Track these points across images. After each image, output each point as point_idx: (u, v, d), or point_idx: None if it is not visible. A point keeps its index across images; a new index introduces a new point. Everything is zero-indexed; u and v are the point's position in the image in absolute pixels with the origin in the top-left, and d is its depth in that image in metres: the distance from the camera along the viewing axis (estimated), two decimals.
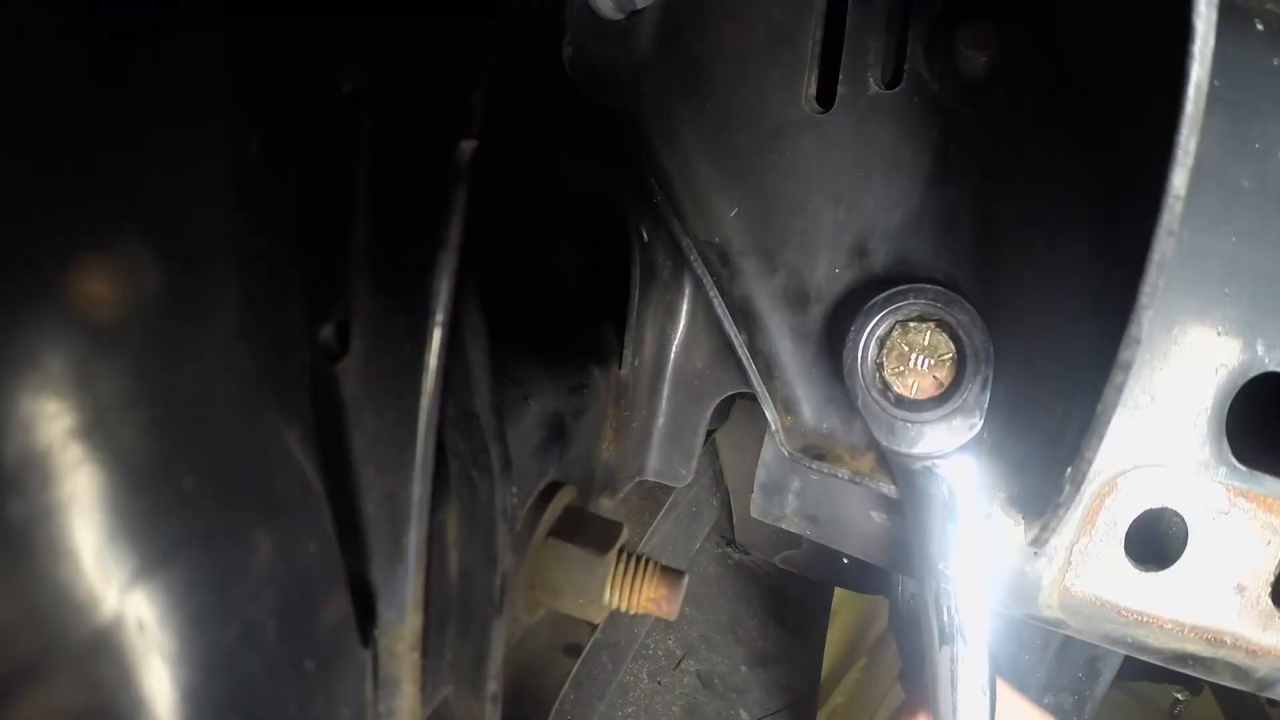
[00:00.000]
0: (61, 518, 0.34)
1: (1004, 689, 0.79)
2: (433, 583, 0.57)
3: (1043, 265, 0.71)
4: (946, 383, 0.72)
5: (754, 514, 0.91)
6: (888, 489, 0.79)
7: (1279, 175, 0.70)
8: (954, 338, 0.72)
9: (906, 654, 1.68)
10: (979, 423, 0.71)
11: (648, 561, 0.83)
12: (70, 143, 0.32)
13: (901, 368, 0.73)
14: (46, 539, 0.34)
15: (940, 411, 0.72)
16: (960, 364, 0.72)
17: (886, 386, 0.73)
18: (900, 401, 0.73)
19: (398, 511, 0.51)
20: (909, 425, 0.73)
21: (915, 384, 0.73)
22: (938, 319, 0.72)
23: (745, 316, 0.83)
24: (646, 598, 0.82)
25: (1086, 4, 0.66)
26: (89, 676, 0.37)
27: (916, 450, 0.73)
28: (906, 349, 0.73)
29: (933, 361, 0.73)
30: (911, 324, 0.73)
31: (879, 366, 0.74)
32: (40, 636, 0.35)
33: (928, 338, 0.73)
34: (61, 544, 0.35)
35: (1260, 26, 0.72)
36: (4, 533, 0.33)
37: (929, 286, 0.72)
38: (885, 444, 0.74)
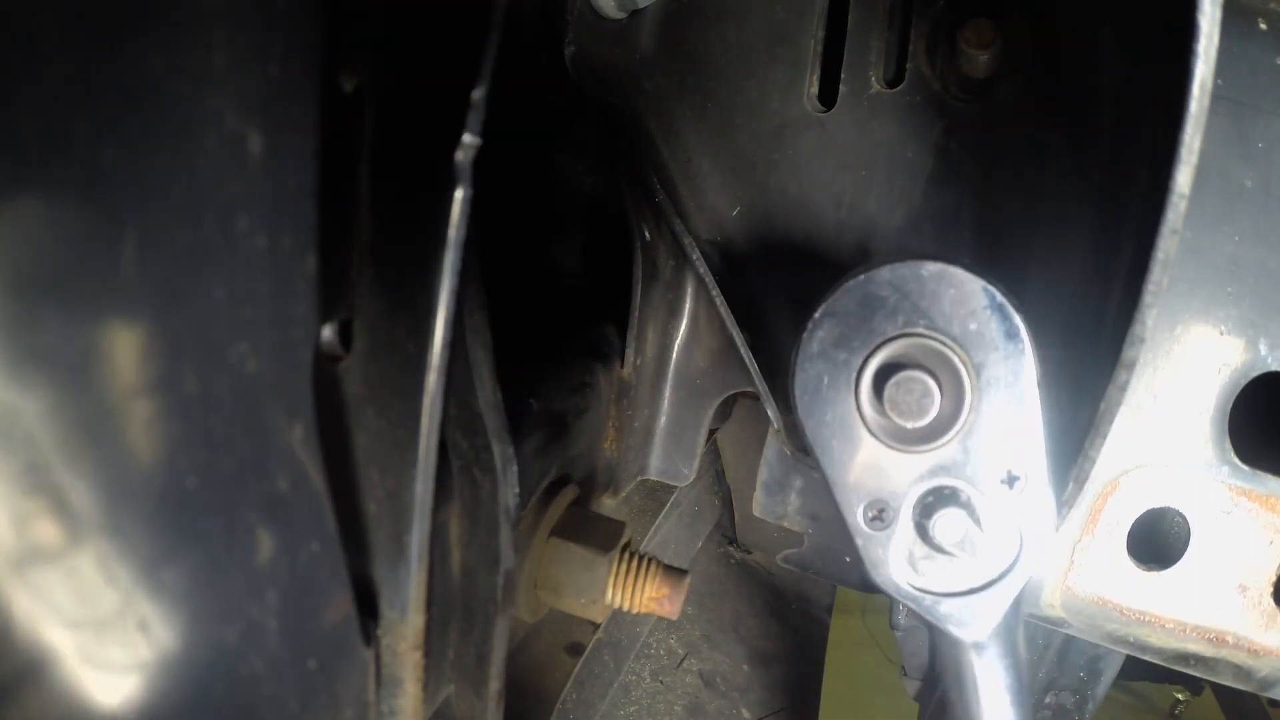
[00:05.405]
0: (62, 516, 0.34)
1: None
2: (435, 582, 0.57)
3: (1044, 263, 0.71)
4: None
5: (756, 512, 0.91)
6: None
7: None
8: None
9: (907, 653, 1.68)
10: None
11: (650, 561, 0.83)
12: (72, 140, 0.32)
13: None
14: (48, 538, 0.34)
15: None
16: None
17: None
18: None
19: (400, 510, 0.51)
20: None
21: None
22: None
23: (747, 316, 0.82)
24: (649, 597, 0.82)
25: (1089, 1, 0.66)
26: (90, 676, 0.37)
27: None
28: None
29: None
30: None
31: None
32: (41, 636, 0.35)
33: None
34: (63, 543, 0.35)
35: (1263, 26, 0.72)
36: (6, 532, 0.33)
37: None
38: None
